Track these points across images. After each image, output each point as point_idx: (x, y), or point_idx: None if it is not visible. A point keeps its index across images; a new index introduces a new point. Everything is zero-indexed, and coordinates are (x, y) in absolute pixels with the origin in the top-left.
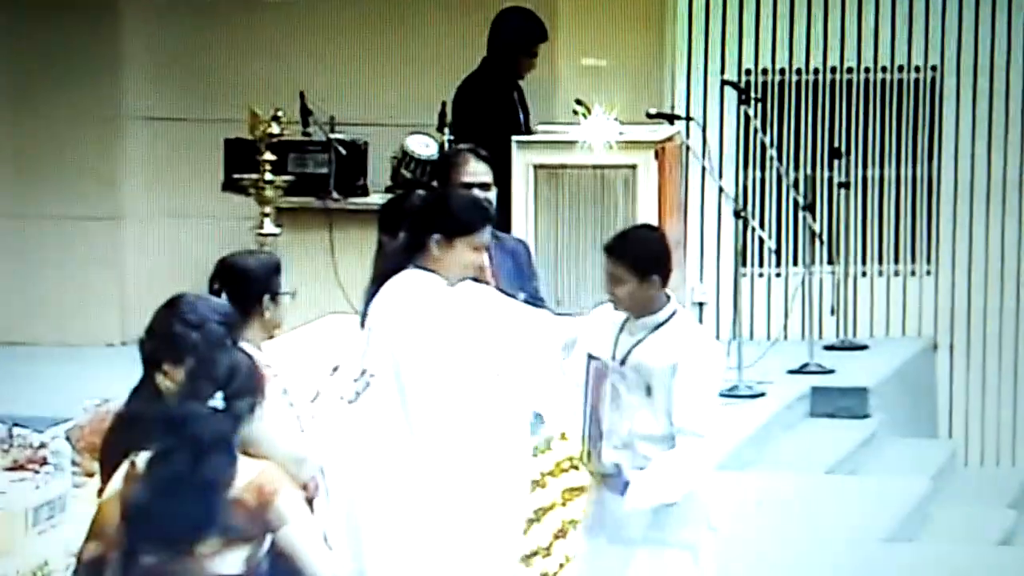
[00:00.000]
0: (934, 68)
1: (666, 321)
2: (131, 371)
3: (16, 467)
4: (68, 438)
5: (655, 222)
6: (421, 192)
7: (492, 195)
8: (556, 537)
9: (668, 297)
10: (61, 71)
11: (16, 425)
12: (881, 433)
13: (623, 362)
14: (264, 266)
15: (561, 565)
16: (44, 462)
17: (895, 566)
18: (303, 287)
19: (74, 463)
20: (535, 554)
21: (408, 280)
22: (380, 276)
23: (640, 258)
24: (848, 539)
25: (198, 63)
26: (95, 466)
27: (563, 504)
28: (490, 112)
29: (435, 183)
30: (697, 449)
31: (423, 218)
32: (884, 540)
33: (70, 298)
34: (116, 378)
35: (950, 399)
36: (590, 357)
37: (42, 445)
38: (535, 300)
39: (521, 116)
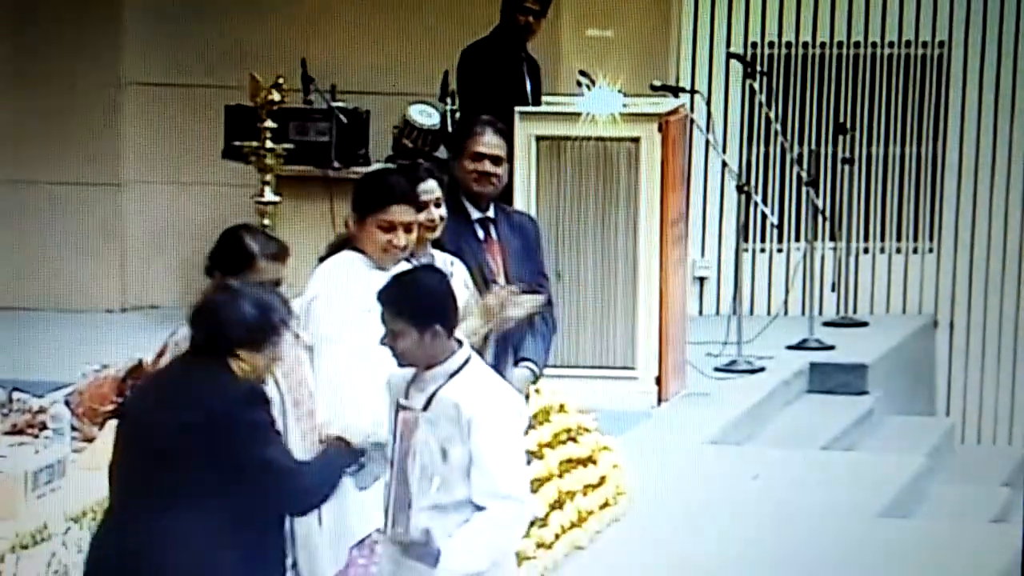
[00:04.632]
0: (942, 44)
1: (459, 371)
2: (131, 337)
3: (15, 431)
4: (68, 403)
5: (658, 195)
6: (421, 161)
7: (502, 170)
8: (553, 508)
9: (460, 343)
10: (61, 37)
11: (16, 390)
12: (879, 410)
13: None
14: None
15: (557, 535)
16: (43, 427)
17: (889, 542)
18: (302, 256)
19: (74, 428)
20: (532, 524)
21: (333, 260)
22: (327, 251)
23: (420, 307)
24: (843, 515)
25: (198, 29)
26: (94, 431)
27: (560, 475)
28: (493, 78)
29: (447, 149)
30: (516, 514)
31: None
32: (879, 516)
33: (70, 264)
34: (116, 344)
35: (949, 377)
36: (399, 407)
37: (41, 410)
38: (540, 278)
39: (529, 86)
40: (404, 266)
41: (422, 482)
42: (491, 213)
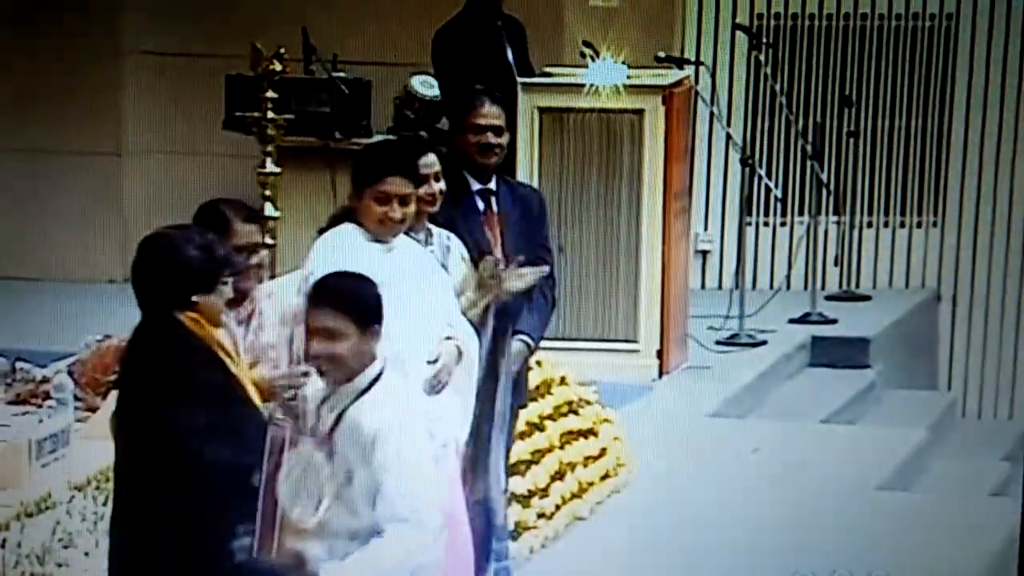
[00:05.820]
0: (949, 17)
1: (368, 388)
2: (133, 308)
3: (19, 401)
4: (71, 373)
5: (661, 168)
6: (423, 134)
7: (504, 140)
8: (553, 479)
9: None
10: (62, 6)
11: (19, 360)
12: (880, 384)
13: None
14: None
15: (558, 506)
16: (47, 396)
17: (890, 515)
18: (303, 227)
19: (77, 398)
20: (533, 494)
21: (331, 233)
22: (328, 223)
23: (366, 303)
24: (844, 488)
25: None
26: (97, 401)
27: (561, 447)
28: (470, 55)
29: (446, 123)
30: (413, 539)
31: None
32: (879, 489)
33: (71, 234)
34: (118, 314)
35: (951, 351)
36: (271, 421)
37: (45, 380)
38: (542, 251)
39: (511, 53)
40: (403, 239)
41: (300, 503)
42: (492, 185)
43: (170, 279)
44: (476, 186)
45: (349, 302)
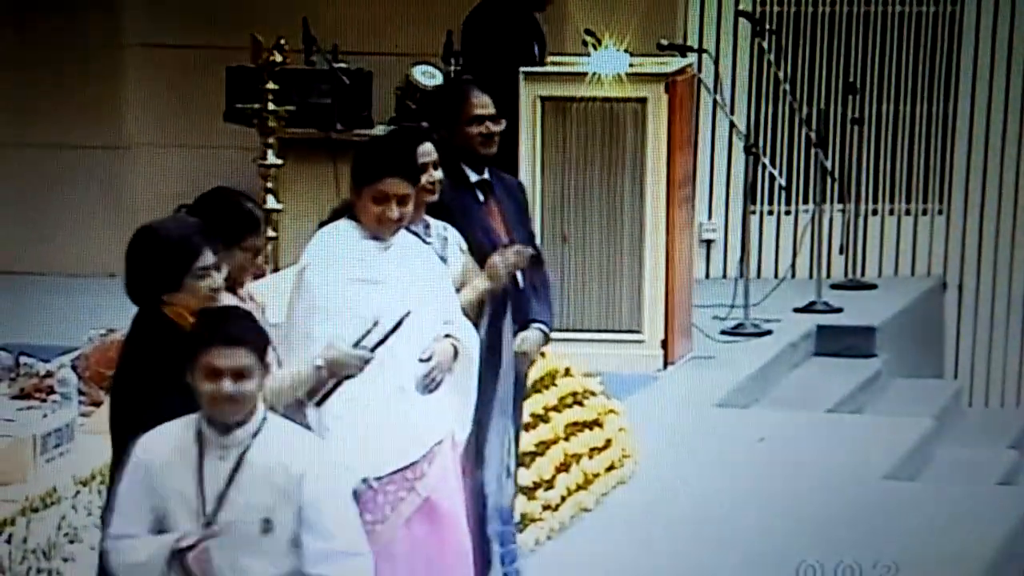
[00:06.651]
0: (954, 2)
1: (261, 428)
2: None
3: (23, 395)
4: (74, 368)
5: (664, 157)
6: (425, 124)
7: (500, 128)
8: (559, 470)
9: None
10: (62, 0)
11: (23, 354)
12: (886, 372)
13: (220, 504)
14: None
15: (563, 498)
16: (51, 391)
17: (896, 504)
18: (305, 219)
19: (81, 392)
20: (538, 486)
21: (327, 228)
22: (330, 216)
23: (267, 341)
24: (850, 477)
25: None
26: (101, 395)
27: (566, 438)
28: (502, 40)
29: (438, 118)
30: (360, 571)
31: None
32: (885, 478)
33: (74, 228)
34: (121, 308)
35: (957, 339)
36: (176, 551)
37: (48, 374)
38: (531, 238)
39: (536, 48)
40: (402, 235)
41: None
42: (487, 176)
43: (135, 276)
44: (475, 178)
45: (256, 337)
